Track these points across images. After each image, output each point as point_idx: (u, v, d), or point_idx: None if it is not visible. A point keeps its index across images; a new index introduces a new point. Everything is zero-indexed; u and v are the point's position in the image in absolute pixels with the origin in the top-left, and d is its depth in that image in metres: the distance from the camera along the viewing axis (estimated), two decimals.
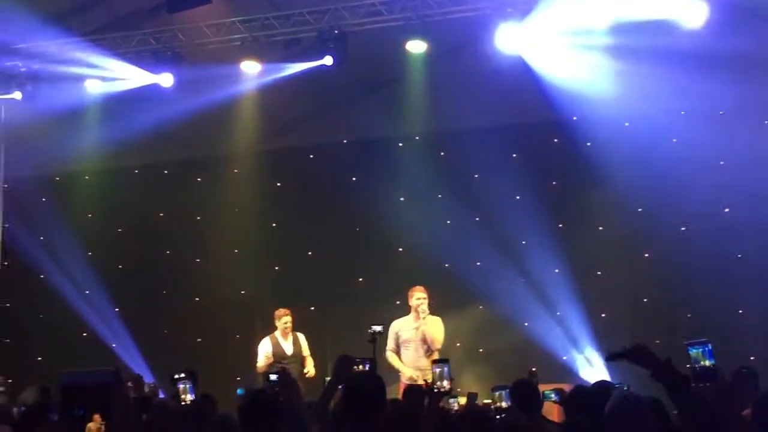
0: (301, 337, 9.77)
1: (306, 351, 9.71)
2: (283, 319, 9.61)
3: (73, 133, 12.51)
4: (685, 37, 10.35)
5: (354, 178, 12.32)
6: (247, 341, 10.53)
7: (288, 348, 9.61)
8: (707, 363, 3.81)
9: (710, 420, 3.47)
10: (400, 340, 9.19)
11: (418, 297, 9.10)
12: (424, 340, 9.10)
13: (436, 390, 4.53)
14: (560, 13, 10.60)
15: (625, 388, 5.84)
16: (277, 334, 9.63)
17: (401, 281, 10.36)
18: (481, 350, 11.31)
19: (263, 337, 9.70)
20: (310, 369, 9.48)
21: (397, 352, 9.18)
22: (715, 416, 3.63)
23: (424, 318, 9.04)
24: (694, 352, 3.83)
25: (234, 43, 11.49)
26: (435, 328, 9.10)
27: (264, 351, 9.54)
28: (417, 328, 9.12)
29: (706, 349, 3.82)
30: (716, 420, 3.61)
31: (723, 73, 10.16)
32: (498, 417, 5.04)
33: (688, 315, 10.48)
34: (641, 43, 10.39)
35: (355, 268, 12.19)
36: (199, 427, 4.92)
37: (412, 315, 9.17)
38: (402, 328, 9.20)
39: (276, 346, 9.56)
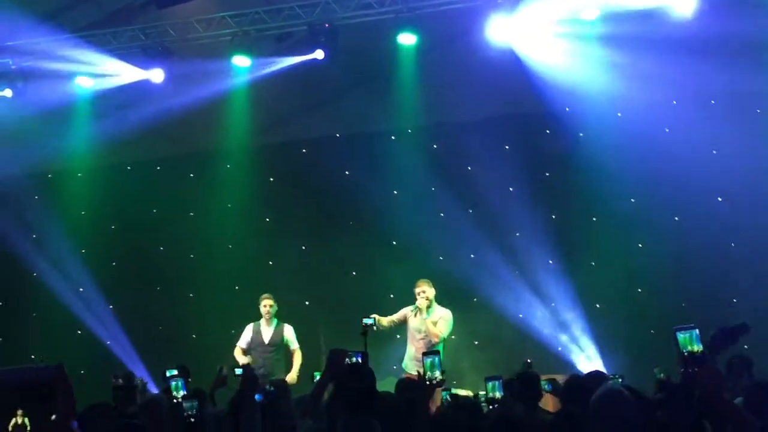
0: (288, 328, 9.88)
1: (293, 344, 9.82)
2: (263, 302, 9.84)
3: (64, 131, 12.50)
4: (676, 26, 10.34)
5: (347, 172, 12.29)
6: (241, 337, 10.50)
7: (267, 336, 9.78)
8: (695, 348, 3.84)
9: (701, 406, 3.48)
10: (409, 326, 9.24)
11: (417, 292, 9.15)
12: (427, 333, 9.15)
13: (428, 382, 4.52)
14: (551, 4, 10.59)
15: (620, 380, 5.87)
16: (262, 321, 9.86)
17: (395, 275, 10.37)
18: (476, 342, 11.31)
19: None
20: (293, 375, 9.56)
21: (395, 327, 9.25)
22: (706, 403, 3.63)
23: (421, 310, 9.08)
24: (681, 337, 3.86)
25: (224, 37, 11.45)
26: (435, 322, 9.10)
27: (243, 336, 9.84)
28: (424, 319, 9.15)
29: (694, 333, 3.85)
30: (707, 406, 3.61)
31: (714, 61, 10.15)
32: (491, 407, 5.04)
33: (683, 304, 10.49)
34: (632, 33, 10.38)
35: (348, 261, 12.18)
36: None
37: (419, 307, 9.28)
38: (411, 315, 9.25)
39: (256, 332, 9.81)
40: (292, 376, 9.52)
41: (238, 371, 6.56)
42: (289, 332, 9.88)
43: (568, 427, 3.79)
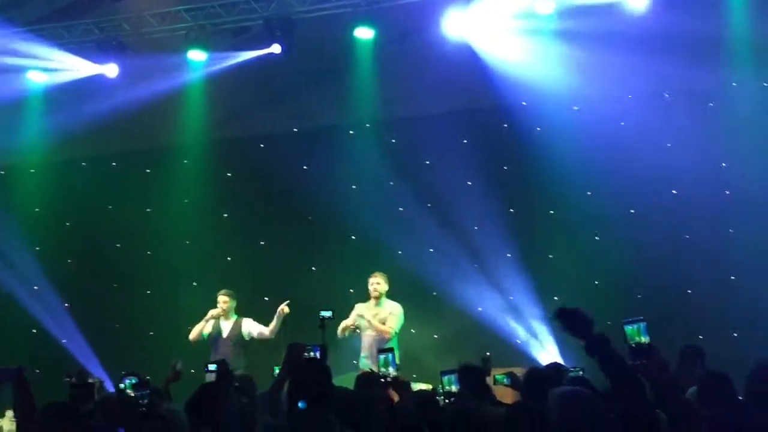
0: (246, 321, 9.96)
1: (257, 328, 9.92)
2: (219, 299, 9.96)
3: (16, 126, 12.28)
4: (631, 21, 10.46)
5: (305, 167, 12.24)
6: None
7: (225, 330, 9.88)
8: (642, 339, 3.91)
9: (647, 398, 3.51)
10: (361, 325, 9.34)
11: (371, 282, 9.30)
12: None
13: (382, 379, 4.53)
14: None
15: (580, 373, 5.91)
16: (221, 316, 9.97)
17: (354, 269, 10.36)
18: (435, 336, 11.35)
19: None
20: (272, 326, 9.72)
21: (353, 329, 9.33)
22: (656, 396, 3.67)
23: (377, 303, 9.21)
24: (629, 329, 3.95)
25: (180, 32, 11.34)
26: (388, 315, 9.20)
27: (203, 323, 9.94)
28: (375, 315, 9.27)
29: (641, 326, 3.94)
30: (657, 399, 3.66)
31: (668, 56, 10.28)
32: (447, 401, 5.06)
33: (639, 296, 10.61)
34: (588, 28, 10.48)
35: (308, 256, 12.14)
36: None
37: (371, 301, 9.36)
38: (363, 311, 9.38)
39: (215, 325, 9.90)
40: (271, 328, 9.69)
41: (212, 367, 6.49)
42: (247, 325, 9.93)
43: (526, 420, 3.82)
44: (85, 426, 4.74)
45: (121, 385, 4.97)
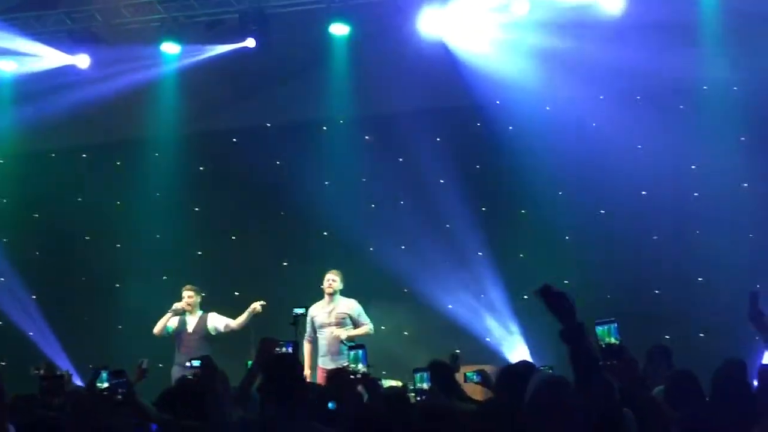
0: (211, 316, 10.04)
1: (223, 321, 9.99)
2: (184, 294, 10.06)
3: None
4: (604, 23, 10.55)
5: (278, 162, 12.20)
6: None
7: (191, 325, 9.98)
8: (612, 340, 3.96)
9: (615, 395, 3.55)
10: (316, 326, 9.39)
11: (327, 279, 9.35)
12: (339, 324, 9.26)
13: (352, 376, 4.55)
14: None
15: (549, 370, 5.96)
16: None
17: (326, 265, 10.35)
18: (405, 333, 11.38)
19: None
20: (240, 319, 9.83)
21: (315, 339, 9.32)
22: (623, 395, 3.71)
23: (330, 300, 9.25)
24: (600, 330, 4.00)
25: (153, 23, 11.26)
26: (351, 307, 9.25)
27: (168, 316, 10.02)
28: (330, 312, 9.30)
29: (612, 327, 3.99)
30: (624, 397, 3.69)
31: (641, 58, 10.39)
32: (418, 399, 5.08)
33: (608, 296, 10.69)
34: (561, 28, 10.56)
35: (279, 252, 12.11)
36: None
37: (325, 299, 9.36)
38: (316, 313, 9.43)
39: (181, 322, 10.00)
40: (239, 321, 9.79)
41: (196, 363, 6.44)
42: (212, 320, 9.97)
43: (498, 416, 3.84)
44: (53, 419, 4.67)
45: (99, 380, 4.90)
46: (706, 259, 10.57)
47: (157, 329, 10.04)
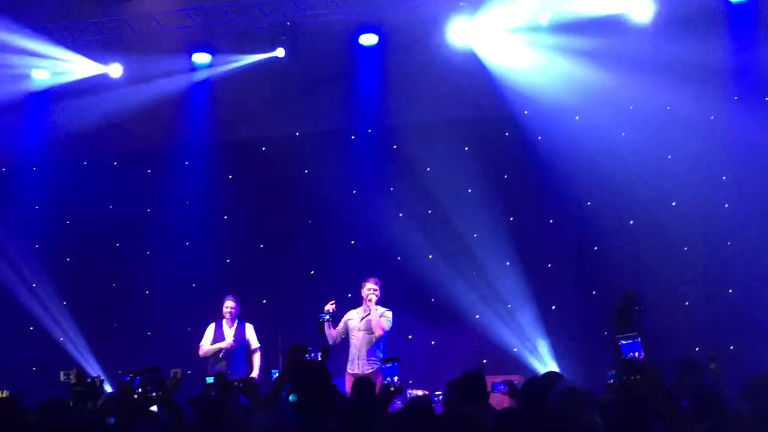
0: (249, 327, 10.19)
1: (254, 343, 10.14)
2: (225, 304, 10.20)
3: (19, 124, 12.30)
4: (635, 34, 10.52)
5: (306, 171, 12.27)
6: (198, 334, 10.46)
7: (228, 335, 10.08)
8: (636, 355, 3.96)
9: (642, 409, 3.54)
10: (349, 327, 9.46)
11: (368, 288, 9.42)
12: (370, 330, 9.34)
13: (391, 388, 4.54)
14: (511, 8, 10.70)
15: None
16: (223, 320, 10.20)
17: (353, 274, 10.38)
18: (432, 343, 11.37)
19: None
20: (255, 370, 9.95)
21: (346, 337, 9.43)
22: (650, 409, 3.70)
23: (372, 308, 9.30)
24: (623, 344, 4.01)
25: (185, 33, 11.39)
26: (378, 316, 9.31)
27: (206, 335, 10.19)
28: (363, 318, 9.39)
29: (636, 342, 3.99)
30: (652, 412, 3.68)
31: (670, 68, 10.33)
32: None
33: (636, 308, 10.61)
34: (591, 39, 10.53)
35: (307, 260, 12.16)
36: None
37: (363, 306, 9.42)
38: (352, 316, 9.51)
39: (217, 332, 10.12)
40: (255, 370, 9.91)
41: (209, 380, 6.55)
42: (250, 331, 10.10)
43: (520, 424, 3.84)
44: (88, 425, 4.70)
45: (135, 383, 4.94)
46: (735, 270, 10.48)
47: (202, 352, 10.17)
